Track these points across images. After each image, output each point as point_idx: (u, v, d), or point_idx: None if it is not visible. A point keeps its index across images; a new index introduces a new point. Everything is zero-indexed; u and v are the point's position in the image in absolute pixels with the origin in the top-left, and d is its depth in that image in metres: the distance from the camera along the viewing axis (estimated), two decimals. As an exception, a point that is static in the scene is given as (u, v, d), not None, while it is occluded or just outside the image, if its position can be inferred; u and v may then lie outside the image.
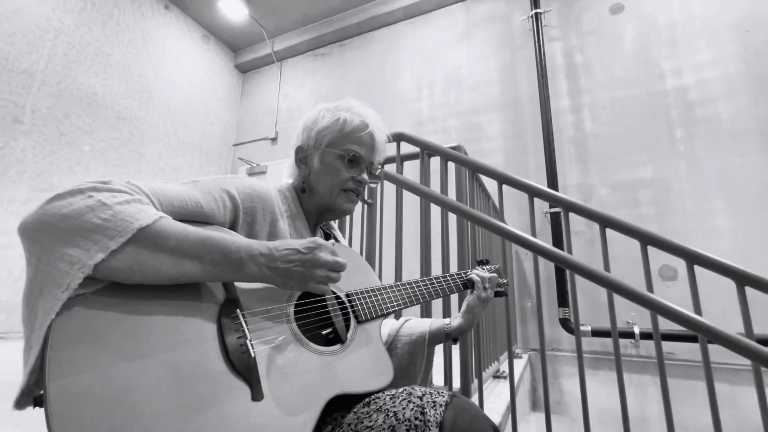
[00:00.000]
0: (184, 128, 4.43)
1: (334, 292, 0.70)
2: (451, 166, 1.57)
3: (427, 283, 0.84)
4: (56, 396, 0.40)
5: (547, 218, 3.08)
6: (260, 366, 0.54)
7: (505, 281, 1.02)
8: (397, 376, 0.75)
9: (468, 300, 0.87)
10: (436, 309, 1.27)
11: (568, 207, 1.34)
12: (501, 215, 1.50)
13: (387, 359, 0.69)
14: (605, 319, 2.61)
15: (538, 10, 3.45)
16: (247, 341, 0.53)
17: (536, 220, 3.12)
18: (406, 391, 0.57)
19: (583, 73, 3.30)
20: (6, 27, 2.98)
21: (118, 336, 0.45)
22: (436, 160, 1.60)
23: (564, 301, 2.84)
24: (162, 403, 0.44)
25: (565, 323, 2.82)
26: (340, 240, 0.89)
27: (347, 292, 0.72)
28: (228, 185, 0.64)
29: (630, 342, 2.69)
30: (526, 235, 1.26)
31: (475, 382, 1.36)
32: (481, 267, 0.97)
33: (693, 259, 1.16)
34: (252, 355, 0.53)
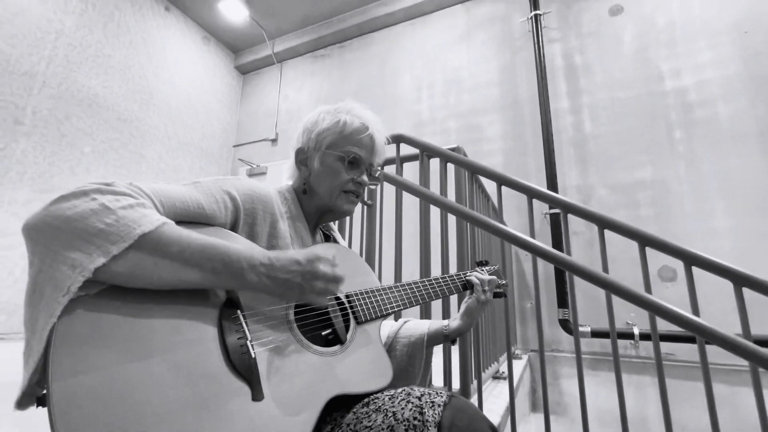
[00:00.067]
0: (185, 129, 4.43)
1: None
2: (451, 168, 1.58)
3: (427, 284, 0.84)
4: (59, 396, 0.40)
5: (546, 219, 3.08)
6: (260, 366, 0.54)
7: (504, 282, 1.02)
8: (396, 377, 0.75)
9: (467, 303, 0.87)
10: (436, 310, 1.28)
11: (566, 208, 1.34)
12: (500, 216, 1.50)
13: (386, 360, 0.70)
14: (605, 320, 2.61)
15: (538, 12, 3.46)
16: (248, 342, 0.54)
17: (536, 221, 3.15)
18: (404, 392, 0.58)
19: (583, 74, 3.31)
20: (7, 29, 2.99)
21: (120, 337, 0.46)
22: (435, 162, 1.60)
23: (564, 302, 2.84)
24: (164, 403, 0.45)
25: (565, 324, 2.82)
26: (340, 241, 0.90)
27: (347, 293, 0.72)
28: (229, 186, 0.65)
29: (629, 343, 2.69)
30: (524, 236, 1.26)
31: (475, 382, 1.37)
32: (480, 268, 0.97)
33: (690, 260, 1.17)
34: (252, 355, 0.53)
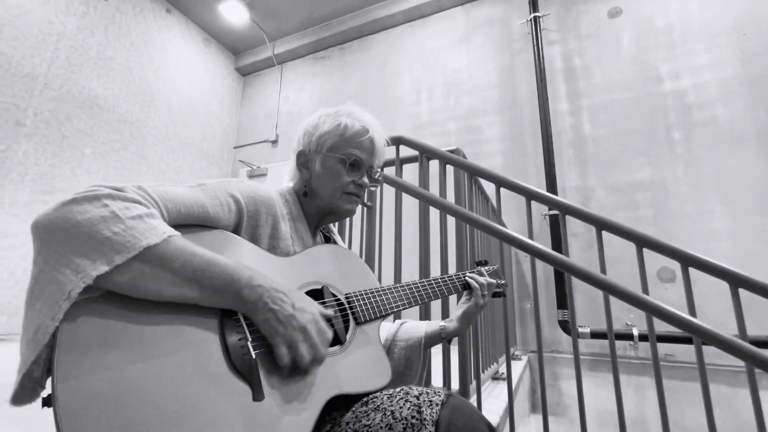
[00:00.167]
0: (185, 131, 4.45)
1: (334, 294, 0.71)
2: (450, 169, 1.58)
3: (426, 284, 0.84)
4: (64, 396, 0.41)
5: (546, 220, 3.09)
6: (261, 367, 0.55)
7: (503, 282, 1.03)
8: (394, 380, 0.76)
9: (465, 306, 0.88)
10: (435, 310, 1.29)
11: (564, 210, 1.35)
12: (499, 218, 1.51)
13: (385, 360, 0.70)
14: (604, 321, 2.62)
15: (537, 14, 3.47)
16: (248, 343, 0.55)
17: (536, 223, 3.16)
18: (403, 391, 0.58)
19: (582, 76, 3.32)
20: (9, 31, 3.01)
21: (123, 339, 0.46)
22: (435, 163, 1.61)
23: (563, 303, 2.83)
24: (167, 403, 0.45)
25: (565, 325, 2.82)
26: (339, 243, 0.91)
27: (346, 293, 0.72)
28: (233, 189, 0.66)
29: (629, 344, 2.69)
30: (522, 237, 1.27)
31: (474, 383, 1.37)
32: (479, 267, 0.98)
33: (687, 261, 1.18)
34: (253, 356, 0.54)
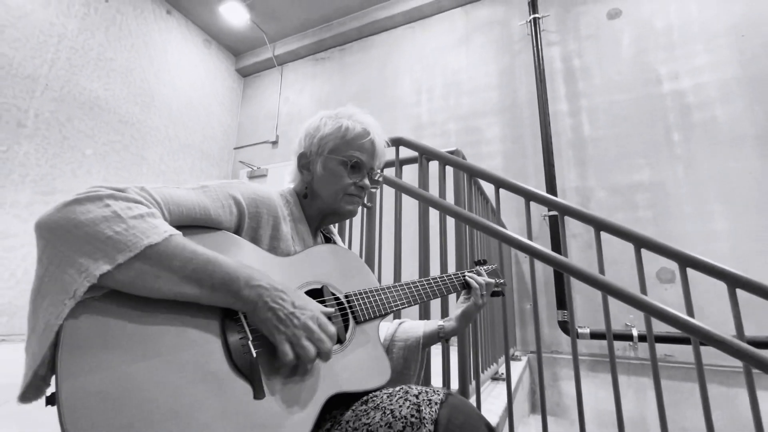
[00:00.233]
0: (186, 131, 4.46)
1: (334, 294, 0.72)
2: (449, 170, 1.59)
3: (425, 283, 0.85)
4: (68, 395, 0.42)
5: (546, 221, 3.10)
6: (262, 365, 0.55)
7: (502, 281, 1.03)
8: (393, 379, 0.77)
9: (464, 305, 0.88)
10: (435, 309, 1.29)
11: (563, 210, 1.36)
12: (498, 218, 1.52)
13: (385, 359, 0.71)
14: (604, 322, 2.63)
15: (537, 15, 3.48)
16: (249, 342, 0.55)
17: (536, 223, 3.16)
18: (402, 390, 0.59)
19: (581, 77, 3.33)
20: (10, 32, 3.02)
21: (125, 338, 0.47)
22: (434, 164, 1.62)
23: (563, 303, 2.84)
24: (168, 401, 0.46)
25: (565, 326, 2.83)
26: (339, 244, 0.91)
27: (346, 293, 0.73)
28: (234, 191, 0.67)
29: (629, 344, 2.70)
30: (521, 237, 1.28)
31: (473, 383, 1.38)
32: (478, 267, 0.99)
33: (685, 261, 1.18)
34: (253, 355, 0.54)
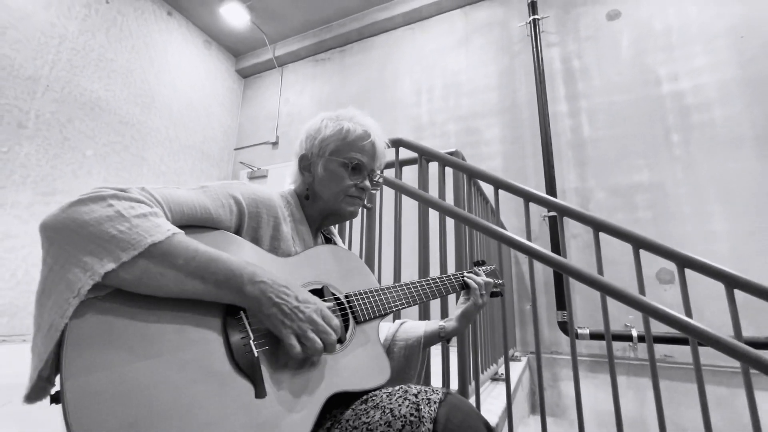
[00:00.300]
0: (186, 132, 4.46)
1: (334, 294, 0.72)
2: (449, 171, 1.60)
3: (425, 284, 0.86)
4: (72, 393, 0.42)
5: (545, 222, 3.10)
6: (263, 365, 0.56)
7: (501, 281, 1.04)
8: (393, 379, 0.77)
9: (464, 306, 0.89)
10: (434, 309, 1.30)
11: (562, 211, 1.36)
12: (498, 219, 1.52)
13: (384, 358, 0.71)
14: (603, 322, 2.63)
15: (536, 16, 3.49)
16: (250, 341, 0.56)
17: (535, 224, 3.17)
18: (402, 389, 0.60)
19: (581, 78, 3.34)
20: (12, 34, 3.03)
21: (128, 337, 0.48)
22: (434, 165, 1.63)
23: (563, 304, 2.84)
24: (171, 400, 0.47)
25: (564, 326, 2.83)
26: (339, 244, 0.92)
27: (346, 293, 0.74)
28: (235, 191, 0.68)
29: (628, 345, 2.70)
30: (520, 238, 1.28)
31: (473, 383, 1.38)
32: (477, 268, 0.99)
33: (683, 262, 1.19)
34: (255, 354, 0.55)
